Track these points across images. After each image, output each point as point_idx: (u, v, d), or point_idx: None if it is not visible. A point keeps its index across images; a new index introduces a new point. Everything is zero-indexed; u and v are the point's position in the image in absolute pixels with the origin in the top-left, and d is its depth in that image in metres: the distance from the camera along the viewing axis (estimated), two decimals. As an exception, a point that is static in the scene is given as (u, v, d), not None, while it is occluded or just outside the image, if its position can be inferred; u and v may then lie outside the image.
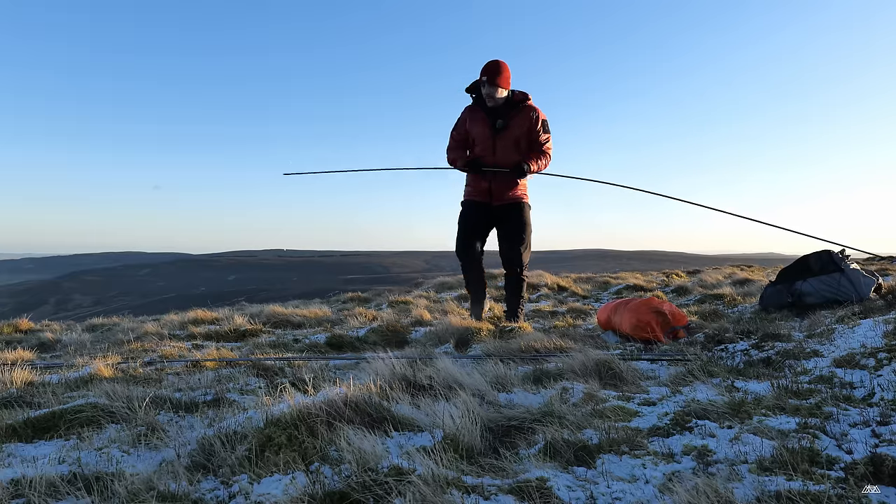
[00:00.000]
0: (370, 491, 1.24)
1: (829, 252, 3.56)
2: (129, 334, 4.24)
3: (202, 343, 3.82)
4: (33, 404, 2.07)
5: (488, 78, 3.71)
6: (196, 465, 1.46)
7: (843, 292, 3.35)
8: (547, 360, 2.50)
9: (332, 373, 2.50)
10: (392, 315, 4.64)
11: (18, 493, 1.30)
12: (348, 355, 3.15)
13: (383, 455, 1.40)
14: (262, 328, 4.27)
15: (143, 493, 1.27)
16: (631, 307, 3.24)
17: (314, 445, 1.47)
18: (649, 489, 1.26)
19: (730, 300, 4.52)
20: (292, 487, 1.28)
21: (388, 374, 2.06)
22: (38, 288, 79.74)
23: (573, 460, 1.41)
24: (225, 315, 4.97)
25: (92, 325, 5.55)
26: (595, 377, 2.15)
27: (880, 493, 1.17)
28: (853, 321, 2.69)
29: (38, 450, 1.65)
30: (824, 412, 1.61)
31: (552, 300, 5.79)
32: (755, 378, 2.10)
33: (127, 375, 2.58)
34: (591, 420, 1.67)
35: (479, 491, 1.25)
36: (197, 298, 25.21)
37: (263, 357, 2.97)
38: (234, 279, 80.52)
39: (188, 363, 2.86)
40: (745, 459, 1.34)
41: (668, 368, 2.37)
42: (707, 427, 1.55)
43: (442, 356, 2.53)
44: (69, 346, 4.16)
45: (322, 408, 1.61)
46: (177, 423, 1.83)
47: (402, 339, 3.58)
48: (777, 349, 2.50)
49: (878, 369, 1.97)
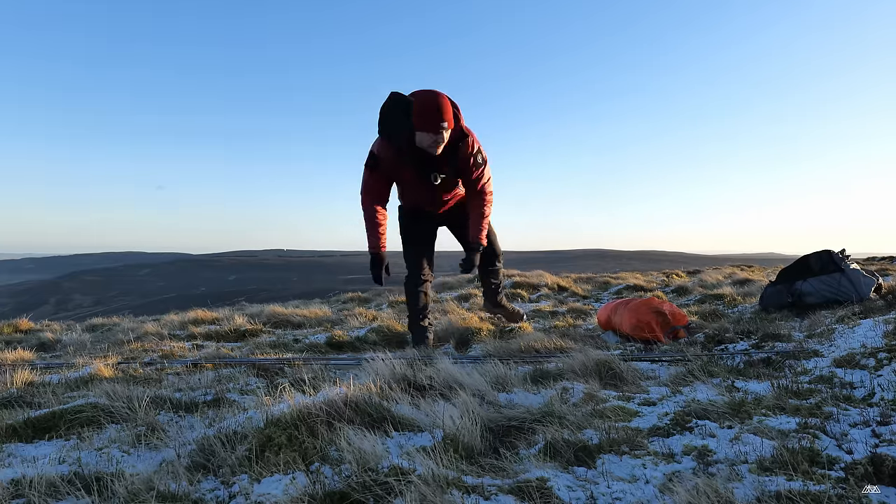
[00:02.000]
0: (370, 491, 1.24)
1: (830, 252, 3.56)
2: (129, 334, 4.25)
3: (202, 343, 3.82)
4: (33, 404, 2.07)
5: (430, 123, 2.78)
6: (196, 466, 1.46)
7: (843, 292, 3.35)
8: (547, 361, 2.50)
9: (332, 373, 2.50)
10: (392, 315, 4.64)
11: (18, 493, 1.30)
12: (348, 355, 3.15)
13: (383, 455, 1.40)
14: (263, 328, 4.27)
15: (143, 493, 1.27)
16: (631, 307, 3.24)
17: (314, 445, 1.47)
18: (649, 489, 1.26)
19: (730, 300, 4.52)
20: (292, 487, 1.28)
21: (388, 375, 2.06)
22: (38, 288, 79.79)
23: (573, 460, 1.41)
24: (225, 315, 4.98)
25: (92, 325, 5.56)
26: (595, 377, 2.15)
27: (880, 493, 1.17)
28: (853, 321, 2.69)
29: (39, 450, 1.65)
30: (824, 412, 1.61)
31: (552, 300, 5.79)
32: (755, 378, 2.10)
33: (127, 375, 2.59)
34: (592, 420, 1.67)
35: (480, 491, 1.25)
36: (197, 298, 25.23)
37: (263, 357, 2.97)
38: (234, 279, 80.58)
39: (188, 363, 2.86)
40: (746, 459, 1.34)
41: (668, 368, 2.37)
42: (707, 427, 1.55)
43: (442, 356, 2.54)
44: (69, 346, 4.16)
45: (322, 408, 1.62)
46: (177, 423, 1.83)
47: (403, 340, 3.58)
48: (777, 349, 2.50)
49: (879, 369, 1.97)
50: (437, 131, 2.82)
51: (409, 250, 3.46)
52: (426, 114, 2.78)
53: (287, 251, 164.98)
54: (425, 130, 2.83)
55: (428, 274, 3.47)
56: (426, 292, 3.46)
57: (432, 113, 2.78)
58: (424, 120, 2.79)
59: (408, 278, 3.46)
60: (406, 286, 3.46)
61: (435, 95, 2.80)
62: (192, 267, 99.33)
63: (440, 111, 2.79)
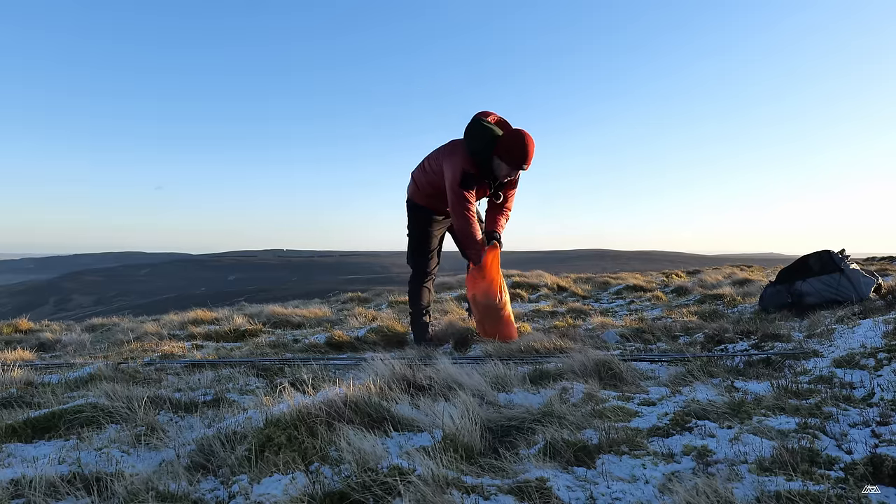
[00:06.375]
0: (370, 491, 1.24)
1: (829, 252, 3.56)
2: (128, 334, 4.25)
3: (202, 343, 3.82)
4: (33, 404, 2.07)
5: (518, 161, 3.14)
6: (196, 466, 1.46)
7: (842, 292, 3.35)
8: (547, 361, 2.50)
9: (332, 373, 2.50)
10: (392, 315, 4.64)
11: (18, 493, 1.30)
12: (348, 355, 3.15)
13: (383, 455, 1.40)
14: (262, 328, 4.27)
15: (142, 493, 1.27)
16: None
17: (314, 445, 1.47)
18: (649, 489, 1.26)
19: (729, 300, 4.52)
20: (292, 487, 1.28)
21: (388, 375, 2.05)
22: (38, 288, 79.77)
23: (573, 460, 1.41)
24: (225, 315, 4.98)
25: (92, 325, 5.56)
26: (595, 377, 2.15)
27: (880, 493, 1.17)
28: (853, 321, 2.70)
29: (38, 450, 1.65)
30: (824, 412, 1.62)
31: (552, 300, 5.79)
32: (755, 378, 2.10)
33: (127, 375, 2.59)
34: (591, 420, 1.67)
35: (479, 491, 1.25)
36: (197, 298, 25.24)
37: (263, 357, 2.97)
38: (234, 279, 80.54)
39: (188, 363, 2.86)
40: (745, 459, 1.34)
41: (667, 368, 2.37)
42: (707, 427, 1.55)
43: (441, 356, 2.54)
44: (69, 346, 4.16)
45: (322, 408, 1.61)
46: (176, 424, 1.84)
47: (402, 339, 3.58)
48: (777, 349, 2.50)
49: (878, 369, 1.97)
50: (520, 168, 3.20)
51: (425, 249, 3.55)
52: (518, 152, 3.13)
53: (287, 251, 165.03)
54: (511, 165, 3.18)
55: (435, 273, 3.58)
56: (430, 289, 3.54)
57: (524, 156, 3.14)
58: (514, 156, 3.14)
59: (415, 275, 3.52)
60: (412, 283, 3.52)
61: (530, 140, 3.14)
62: (192, 267, 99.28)
63: (529, 156, 3.15)
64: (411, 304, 3.53)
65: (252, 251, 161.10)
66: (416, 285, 3.49)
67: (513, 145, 3.13)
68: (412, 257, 3.54)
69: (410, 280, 3.53)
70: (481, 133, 3.17)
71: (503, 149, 3.14)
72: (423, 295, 3.49)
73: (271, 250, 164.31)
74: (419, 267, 3.51)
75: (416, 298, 3.49)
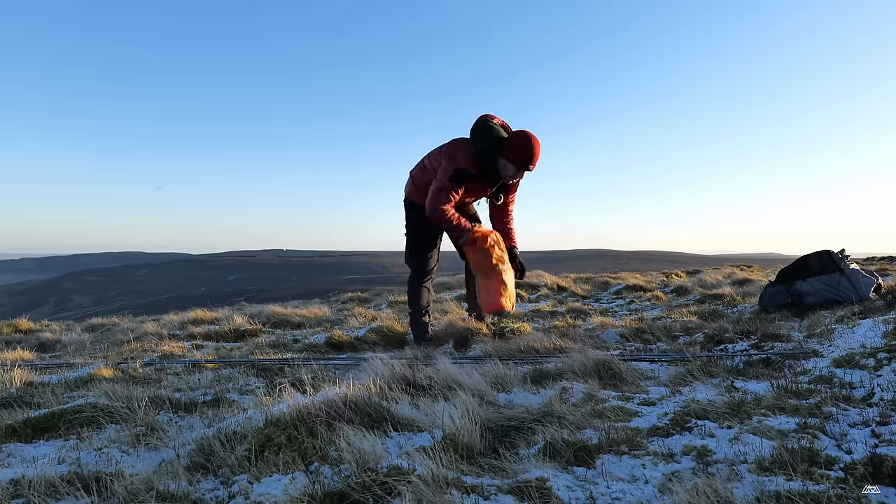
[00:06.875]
0: (370, 491, 1.24)
1: (829, 252, 3.56)
2: (128, 334, 4.25)
3: (202, 343, 3.82)
4: (33, 404, 2.07)
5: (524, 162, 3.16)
6: (196, 466, 1.46)
7: (842, 292, 3.35)
8: (547, 361, 2.50)
9: (332, 373, 2.50)
10: (392, 315, 4.64)
11: (18, 493, 1.30)
12: (348, 355, 3.15)
13: (383, 455, 1.40)
14: (262, 328, 4.27)
15: (142, 493, 1.27)
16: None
17: (314, 445, 1.47)
18: (649, 489, 1.26)
19: (729, 300, 4.52)
20: (292, 487, 1.28)
21: (388, 375, 2.06)
22: (38, 288, 79.77)
23: (573, 460, 1.41)
24: (225, 315, 4.98)
25: (92, 325, 5.56)
26: (595, 377, 2.15)
27: (880, 493, 1.17)
28: (853, 321, 2.70)
29: (38, 450, 1.65)
30: (824, 412, 1.62)
31: (552, 300, 5.79)
32: (755, 378, 2.10)
33: (127, 375, 2.59)
34: (591, 420, 1.67)
35: (479, 491, 1.25)
36: (197, 298, 25.24)
37: (263, 357, 2.97)
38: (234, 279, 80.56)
39: (188, 363, 2.86)
40: (745, 459, 1.34)
41: (667, 368, 2.37)
42: (707, 427, 1.55)
43: (441, 356, 2.54)
44: (69, 346, 4.16)
45: (322, 408, 1.61)
46: (176, 424, 1.84)
47: (402, 339, 3.58)
48: (777, 349, 2.50)
49: (878, 369, 1.97)
50: (525, 169, 3.21)
51: (423, 248, 3.54)
52: (525, 153, 3.15)
53: (286, 251, 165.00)
54: (517, 166, 3.19)
55: (434, 272, 3.58)
56: (430, 289, 3.55)
57: (530, 156, 3.15)
58: (521, 157, 3.16)
59: (415, 275, 3.52)
60: (411, 282, 3.52)
61: (536, 141, 3.15)
62: (192, 267, 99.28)
63: (535, 157, 3.16)
64: (411, 304, 3.53)
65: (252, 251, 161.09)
66: (416, 285, 3.49)
67: (519, 146, 3.15)
68: (411, 257, 3.54)
69: (409, 280, 3.53)
70: (488, 133, 3.18)
71: (509, 149, 3.16)
72: (423, 295, 3.49)
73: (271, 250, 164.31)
74: (418, 266, 3.50)
75: (416, 298, 3.49)
